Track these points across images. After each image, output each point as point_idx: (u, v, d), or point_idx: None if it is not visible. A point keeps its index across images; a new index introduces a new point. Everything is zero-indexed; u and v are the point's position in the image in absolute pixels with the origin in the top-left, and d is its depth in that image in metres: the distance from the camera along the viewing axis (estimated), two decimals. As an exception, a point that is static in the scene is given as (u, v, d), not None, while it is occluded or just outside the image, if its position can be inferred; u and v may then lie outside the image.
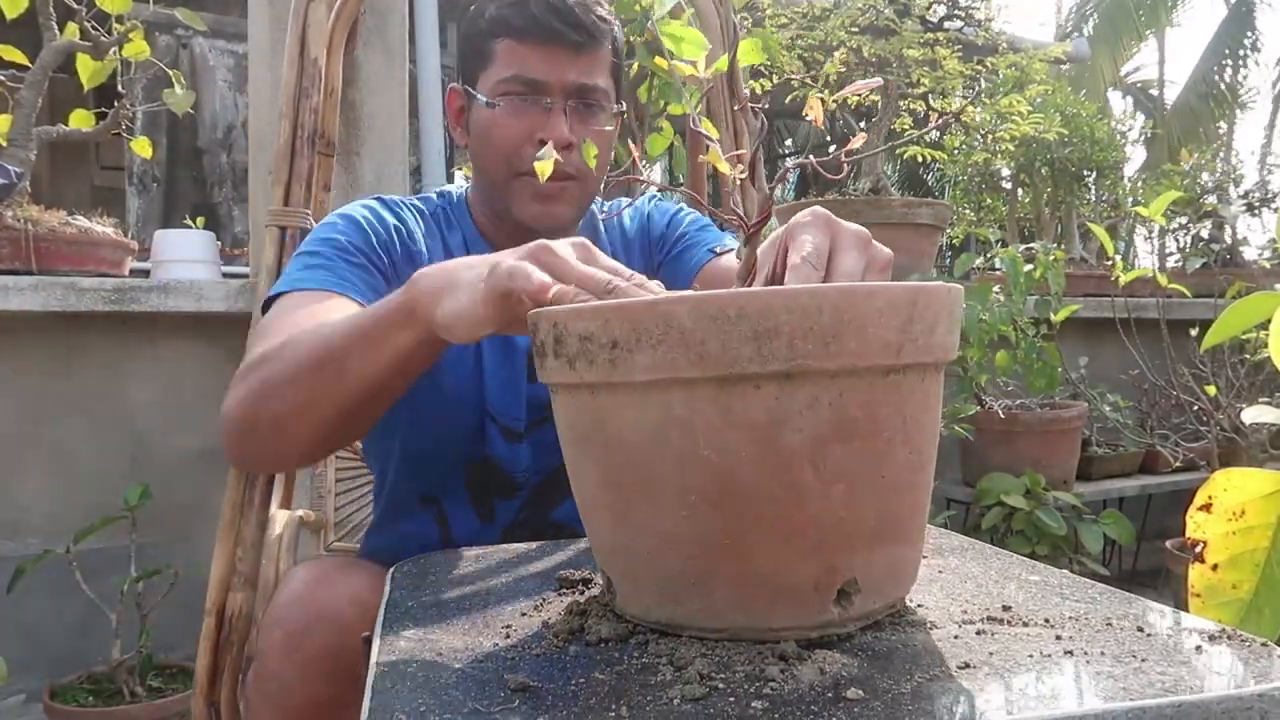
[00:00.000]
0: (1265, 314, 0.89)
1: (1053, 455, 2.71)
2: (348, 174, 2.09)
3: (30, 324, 1.99)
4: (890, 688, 0.48)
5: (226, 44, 3.84)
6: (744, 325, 0.49)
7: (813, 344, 0.50)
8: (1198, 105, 8.00)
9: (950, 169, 3.57)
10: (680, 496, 0.53)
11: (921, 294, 0.53)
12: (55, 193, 4.10)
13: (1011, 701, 0.46)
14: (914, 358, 0.53)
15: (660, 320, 0.51)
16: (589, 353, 0.54)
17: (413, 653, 0.56)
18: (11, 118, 1.89)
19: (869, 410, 0.52)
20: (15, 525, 2.00)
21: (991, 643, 0.55)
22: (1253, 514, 0.81)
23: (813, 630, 0.55)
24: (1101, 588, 0.66)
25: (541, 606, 0.66)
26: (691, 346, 0.50)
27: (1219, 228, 3.83)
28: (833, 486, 0.52)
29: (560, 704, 0.48)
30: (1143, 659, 0.51)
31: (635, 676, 0.51)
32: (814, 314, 0.50)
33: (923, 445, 0.57)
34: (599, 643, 0.57)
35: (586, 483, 0.60)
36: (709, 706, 0.46)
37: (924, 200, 3.26)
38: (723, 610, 0.55)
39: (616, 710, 0.47)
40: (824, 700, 0.47)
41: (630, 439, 0.54)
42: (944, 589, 0.66)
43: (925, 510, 0.60)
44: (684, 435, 0.52)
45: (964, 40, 3.06)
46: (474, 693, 0.50)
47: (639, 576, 0.58)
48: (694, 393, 0.51)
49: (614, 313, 0.52)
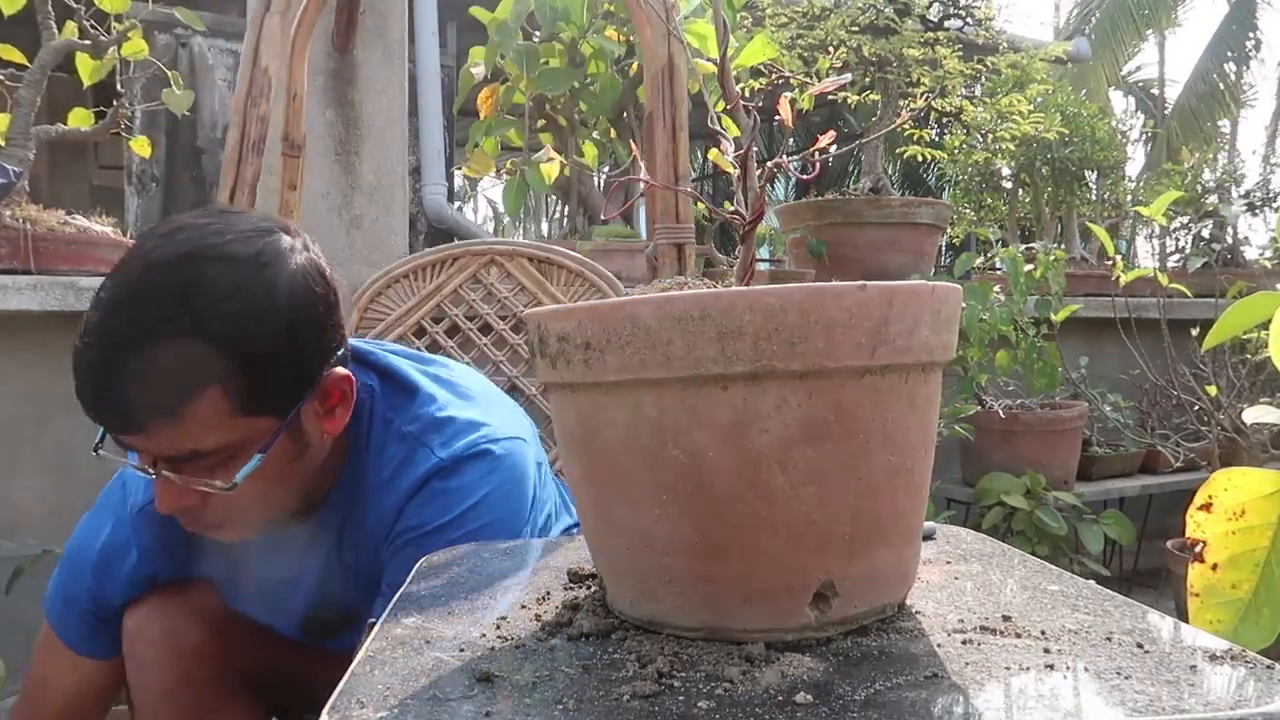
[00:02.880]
0: (1266, 314, 0.89)
1: (1053, 455, 2.70)
2: (347, 174, 2.09)
3: (29, 324, 1.99)
4: (845, 694, 0.48)
5: (225, 43, 3.85)
6: (708, 326, 0.50)
7: (778, 345, 0.50)
8: (1198, 105, 7.99)
9: (950, 169, 3.57)
10: (653, 496, 0.53)
11: (899, 294, 0.52)
12: (54, 192, 4.09)
13: (965, 715, 0.46)
14: (892, 359, 0.53)
15: (628, 321, 0.51)
16: (566, 353, 0.55)
17: (403, 639, 0.57)
18: (10, 117, 1.89)
19: (841, 412, 0.52)
20: (15, 525, 2.00)
21: (974, 653, 0.54)
22: (1253, 514, 0.81)
23: (789, 633, 0.54)
24: (1120, 600, 0.64)
25: (544, 600, 0.66)
26: (658, 347, 0.50)
27: (1220, 227, 3.82)
28: (803, 488, 0.52)
29: (514, 694, 0.48)
30: (1126, 676, 0.50)
31: (599, 671, 0.51)
32: (778, 314, 0.49)
33: (908, 448, 0.56)
34: (580, 637, 0.57)
35: (574, 480, 0.61)
36: (655, 704, 0.47)
37: (924, 200, 3.25)
38: (696, 610, 0.55)
39: (564, 703, 0.47)
40: (772, 704, 0.46)
41: (606, 438, 0.55)
42: (951, 596, 0.65)
43: (915, 513, 0.59)
44: (654, 435, 0.52)
45: (964, 39, 3.06)
46: (441, 681, 0.50)
47: (620, 573, 0.59)
48: (662, 393, 0.52)
49: (585, 314, 0.53)
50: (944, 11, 3.07)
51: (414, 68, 2.89)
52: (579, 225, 2.49)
